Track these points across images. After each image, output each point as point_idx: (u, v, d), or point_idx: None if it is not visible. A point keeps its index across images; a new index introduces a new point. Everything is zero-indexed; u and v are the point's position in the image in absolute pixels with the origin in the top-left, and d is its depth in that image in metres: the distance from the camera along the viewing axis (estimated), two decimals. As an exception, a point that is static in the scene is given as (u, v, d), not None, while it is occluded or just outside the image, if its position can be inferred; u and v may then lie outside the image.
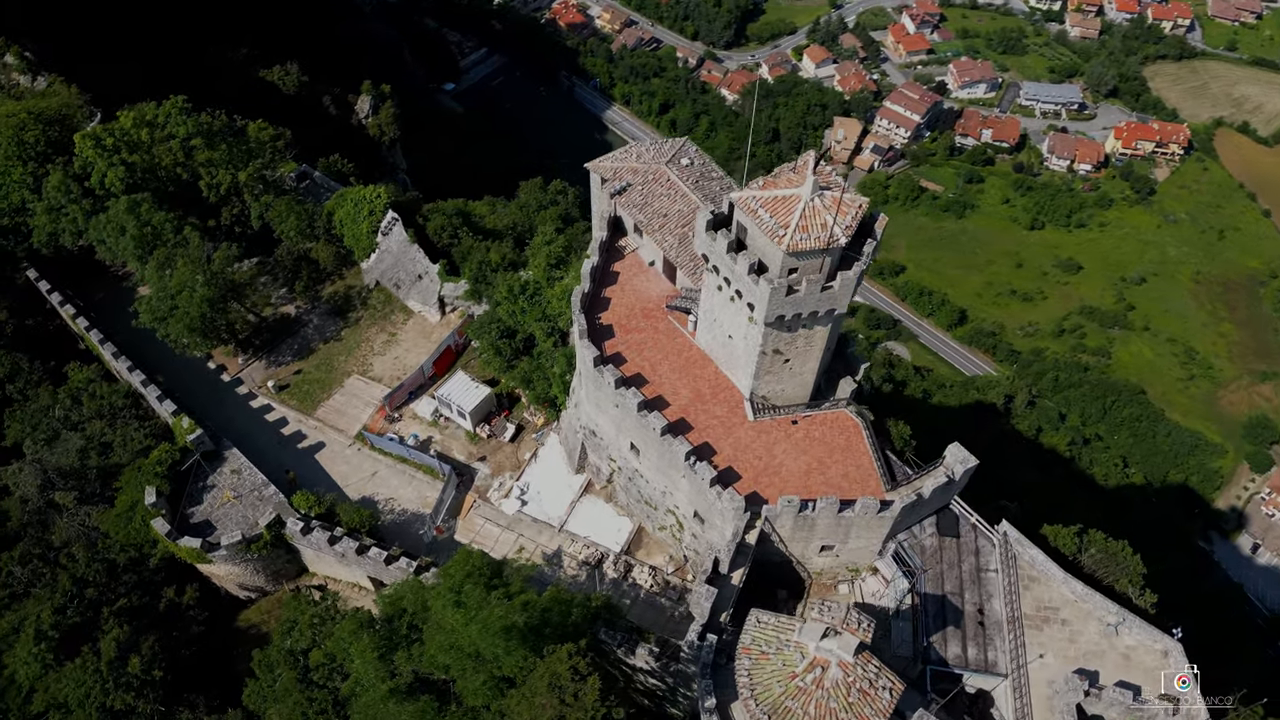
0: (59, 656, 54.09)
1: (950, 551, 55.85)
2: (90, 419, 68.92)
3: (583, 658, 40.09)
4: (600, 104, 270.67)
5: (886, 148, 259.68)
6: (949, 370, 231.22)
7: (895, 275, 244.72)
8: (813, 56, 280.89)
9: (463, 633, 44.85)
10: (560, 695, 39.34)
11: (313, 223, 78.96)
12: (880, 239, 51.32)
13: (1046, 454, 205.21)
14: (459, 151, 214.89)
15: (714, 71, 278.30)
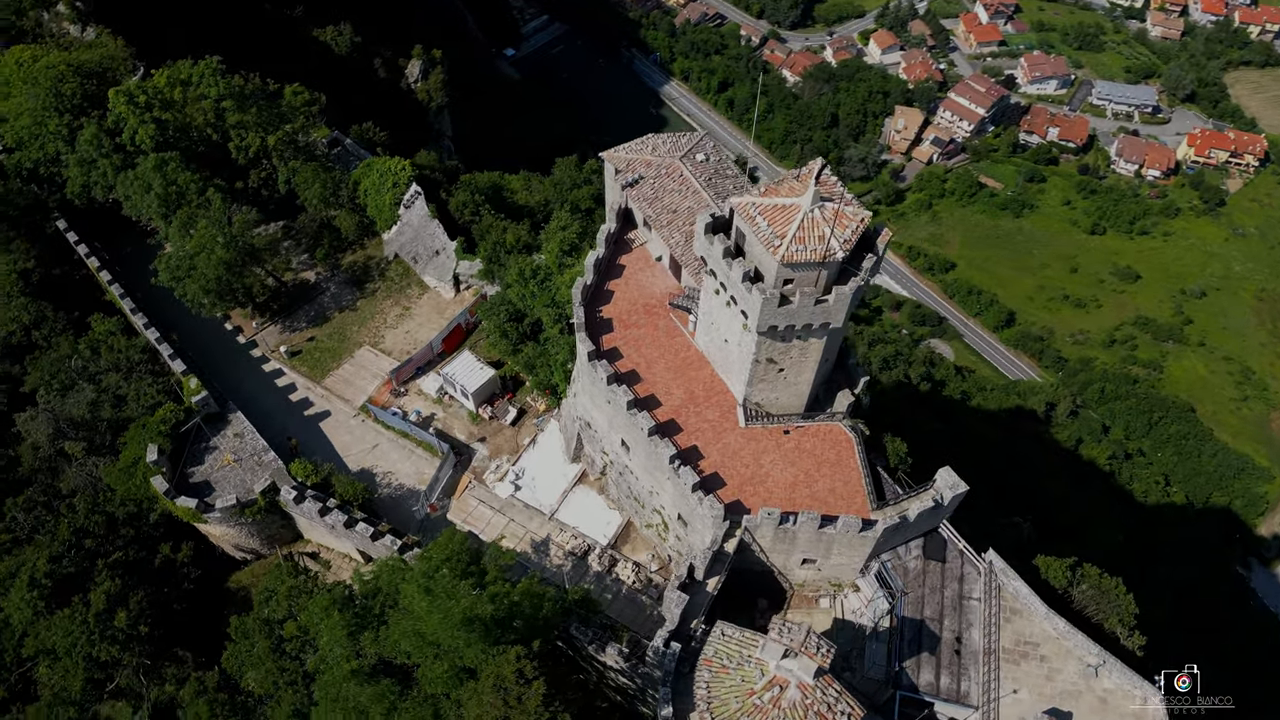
0: (50, 604, 55.71)
1: (934, 576, 54.81)
2: (107, 371, 70.45)
3: (531, 661, 40.07)
4: (658, 79, 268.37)
5: (947, 140, 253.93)
6: (991, 372, 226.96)
7: (945, 272, 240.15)
8: (879, 42, 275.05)
9: (426, 620, 45.17)
10: (504, 697, 39.45)
11: (337, 190, 79.39)
12: (883, 255, 50.09)
13: (1084, 466, 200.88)
14: (511, 120, 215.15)
15: (776, 52, 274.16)
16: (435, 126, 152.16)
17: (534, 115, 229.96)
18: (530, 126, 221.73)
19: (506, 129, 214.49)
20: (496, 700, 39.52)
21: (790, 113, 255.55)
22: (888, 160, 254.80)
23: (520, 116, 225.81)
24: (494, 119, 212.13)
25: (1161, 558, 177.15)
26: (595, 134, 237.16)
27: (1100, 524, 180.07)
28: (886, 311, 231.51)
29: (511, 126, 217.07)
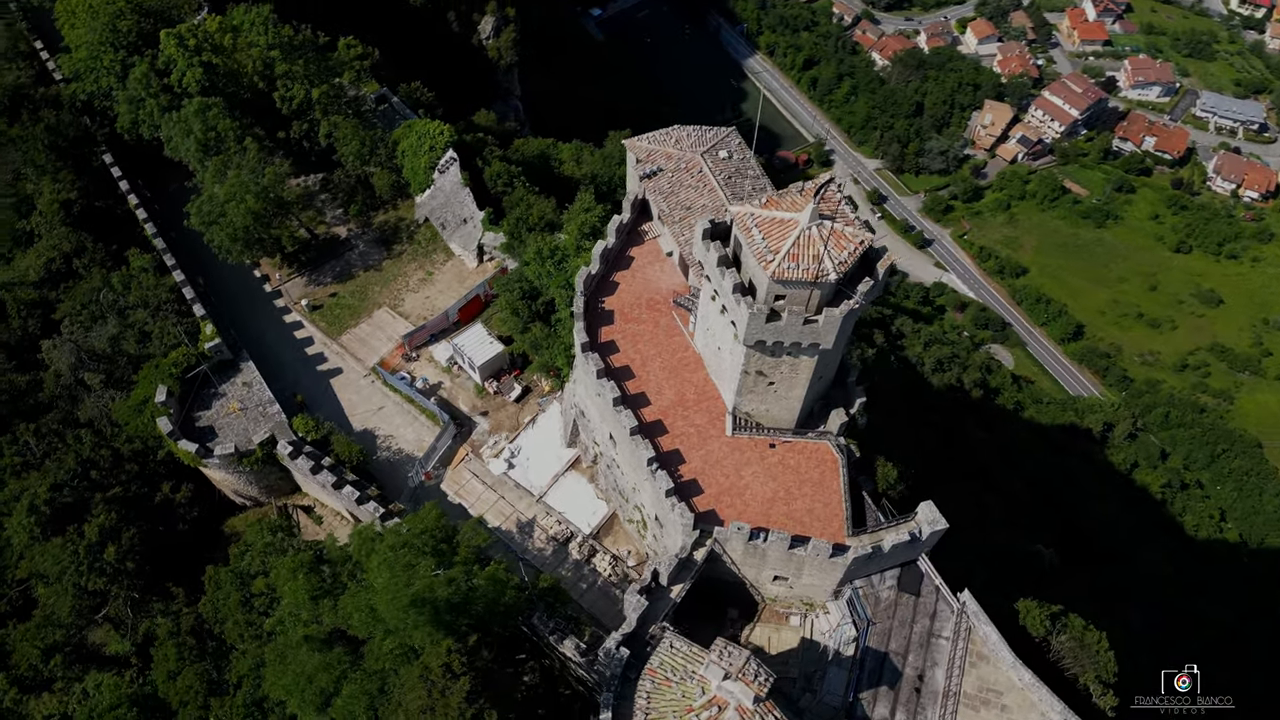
0: (46, 531, 57.97)
1: (905, 609, 53.62)
2: (135, 307, 72.45)
3: (461, 655, 40.33)
4: (743, 51, 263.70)
5: (1035, 140, 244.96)
6: (1051, 385, 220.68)
7: (1016, 276, 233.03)
8: (976, 31, 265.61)
9: (378, 596, 45.81)
10: (429, 689, 39.85)
11: (375, 148, 79.87)
12: (882, 281, 48.61)
13: (1135, 491, 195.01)
14: (590, 81, 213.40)
15: (868, 33, 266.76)
16: (504, 85, 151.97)
17: (614, 79, 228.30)
18: (609, 90, 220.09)
19: (585, 90, 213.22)
20: (422, 691, 39.94)
21: (874, 98, 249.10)
22: (970, 155, 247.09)
23: (601, 79, 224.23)
24: (573, 79, 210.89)
25: (1204, 592, 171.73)
26: (672, 103, 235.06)
27: (1140, 551, 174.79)
28: (950, 311, 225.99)
29: (590, 88, 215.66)
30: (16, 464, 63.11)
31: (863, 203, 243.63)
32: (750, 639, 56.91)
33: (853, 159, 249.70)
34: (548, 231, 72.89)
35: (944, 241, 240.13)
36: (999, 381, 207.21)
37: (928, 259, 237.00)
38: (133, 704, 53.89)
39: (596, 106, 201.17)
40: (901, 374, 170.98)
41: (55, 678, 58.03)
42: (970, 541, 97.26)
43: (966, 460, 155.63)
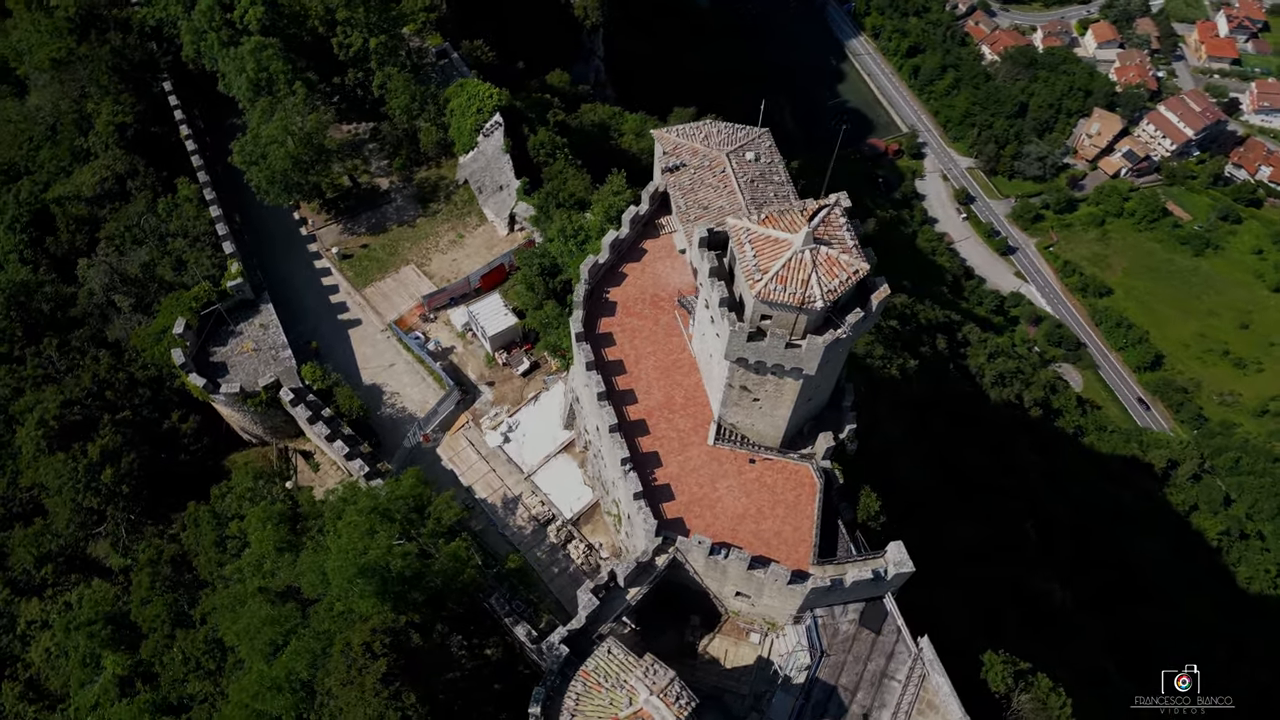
0: (53, 445, 60.46)
1: (863, 645, 52.58)
2: (175, 235, 74.49)
3: (384, 636, 40.91)
4: (847, 30, 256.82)
5: (1142, 156, 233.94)
6: (1118, 413, 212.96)
7: (1099, 296, 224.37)
8: (1097, 34, 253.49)
9: (329, 559, 46.74)
10: (349, 665, 40.61)
11: (425, 104, 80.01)
12: (875, 313, 47.10)
13: (1190, 534, 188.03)
14: (687, 47, 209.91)
15: (981, 24, 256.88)
16: (588, 45, 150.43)
17: (712, 47, 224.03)
18: (704, 57, 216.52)
19: (680, 56, 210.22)
20: (340, 666, 40.75)
21: (977, 93, 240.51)
22: (1069, 165, 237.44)
23: (698, 46, 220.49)
24: (668, 44, 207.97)
25: (1246, 651, 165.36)
26: (764, 79, 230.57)
27: (1183, 594, 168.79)
28: (1023, 324, 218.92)
29: (685, 55, 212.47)
30: (38, 376, 65.87)
31: (949, 201, 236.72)
32: (708, 649, 56.66)
33: (945, 154, 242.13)
34: (577, 210, 72.34)
35: (1028, 251, 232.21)
36: (1062, 403, 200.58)
37: (1008, 267, 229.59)
38: (108, 622, 56.39)
39: (688, 75, 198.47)
40: (954, 384, 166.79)
41: (47, 584, 60.97)
42: (982, 574, 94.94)
43: (1011, 480, 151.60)
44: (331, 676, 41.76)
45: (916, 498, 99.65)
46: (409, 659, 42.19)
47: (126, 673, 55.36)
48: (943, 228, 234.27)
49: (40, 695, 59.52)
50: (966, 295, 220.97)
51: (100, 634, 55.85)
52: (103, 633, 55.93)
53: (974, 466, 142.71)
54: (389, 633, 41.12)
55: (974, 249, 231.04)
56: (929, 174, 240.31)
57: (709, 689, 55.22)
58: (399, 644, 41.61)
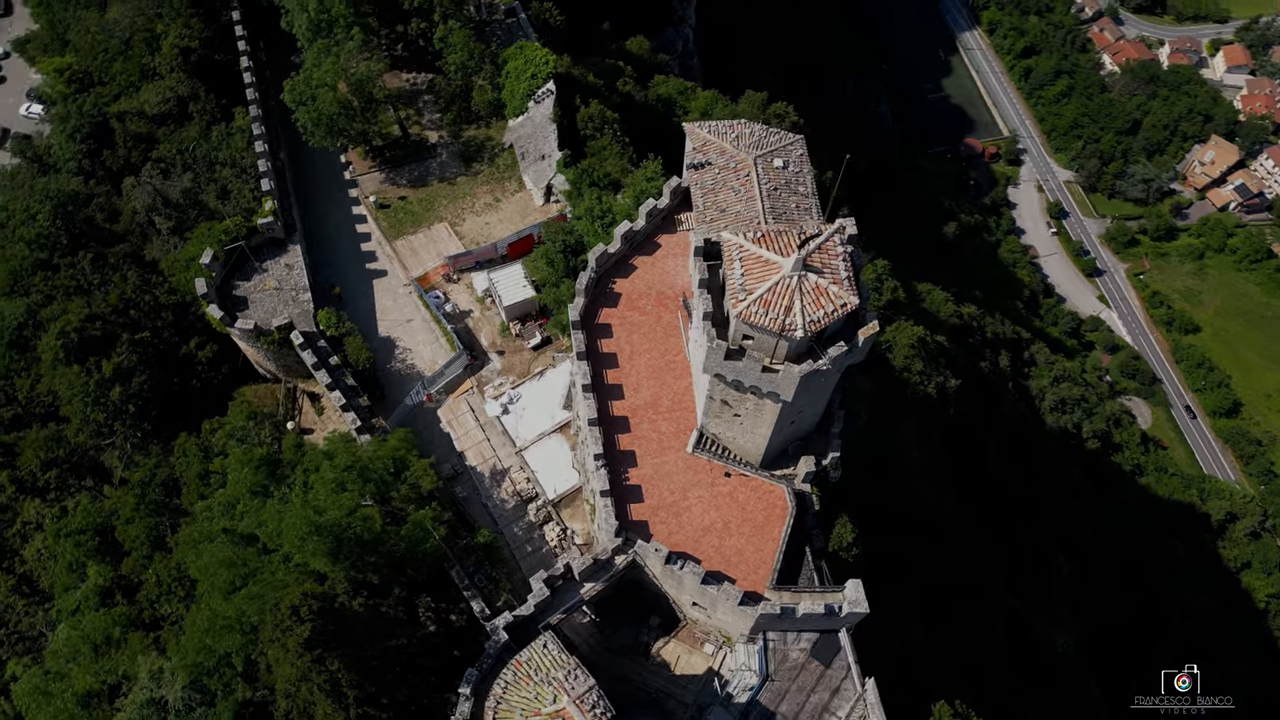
0: (70, 356, 62.83)
1: (810, 676, 51.90)
2: (224, 165, 76.14)
3: (314, 601, 41.72)
4: (961, 22, 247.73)
5: (1255, 192, 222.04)
6: (1184, 456, 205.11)
7: (1184, 333, 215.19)
8: (1229, 58, 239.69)
9: (288, 515, 47.80)
10: (275, 624, 41.61)
11: (481, 63, 79.72)
12: (860, 349, 45.62)
13: (1237, 593, 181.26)
14: (779, 20, 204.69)
15: (1106, 32, 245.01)
16: (679, 11, 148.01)
17: (812, 23, 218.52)
18: (802, 34, 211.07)
19: (777, 29, 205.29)
20: (268, 624, 41.82)
21: (1089, 104, 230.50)
22: (1175, 191, 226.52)
23: (797, 20, 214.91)
24: (766, 16, 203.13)
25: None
26: (863, 61, 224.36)
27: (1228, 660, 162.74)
28: (1098, 350, 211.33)
29: (782, 28, 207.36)
30: (69, 286, 68.35)
31: (1040, 213, 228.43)
32: (661, 652, 56.67)
33: (1044, 164, 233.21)
34: (610, 191, 71.60)
35: (1116, 275, 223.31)
36: (1125, 438, 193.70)
37: (1092, 290, 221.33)
38: (97, 533, 58.90)
39: (781, 51, 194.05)
40: (1008, 404, 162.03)
41: (50, 487, 63.83)
42: (988, 608, 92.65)
43: (1052, 510, 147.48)
44: (263, 633, 42.99)
45: (934, 520, 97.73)
46: (339, 624, 43.03)
47: (108, 584, 57.84)
48: (1029, 240, 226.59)
49: (32, 591, 62.79)
50: (1042, 313, 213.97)
51: (87, 544, 58.43)
52: (89, 543, 58.49)
53: (1013, 492, 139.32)
54: (319, 598, 41.95)
55: (1059, 266, 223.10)
56: (1024, 182, 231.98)
57: (654, 691, 55.48)
58: (329, 609, 42.40)
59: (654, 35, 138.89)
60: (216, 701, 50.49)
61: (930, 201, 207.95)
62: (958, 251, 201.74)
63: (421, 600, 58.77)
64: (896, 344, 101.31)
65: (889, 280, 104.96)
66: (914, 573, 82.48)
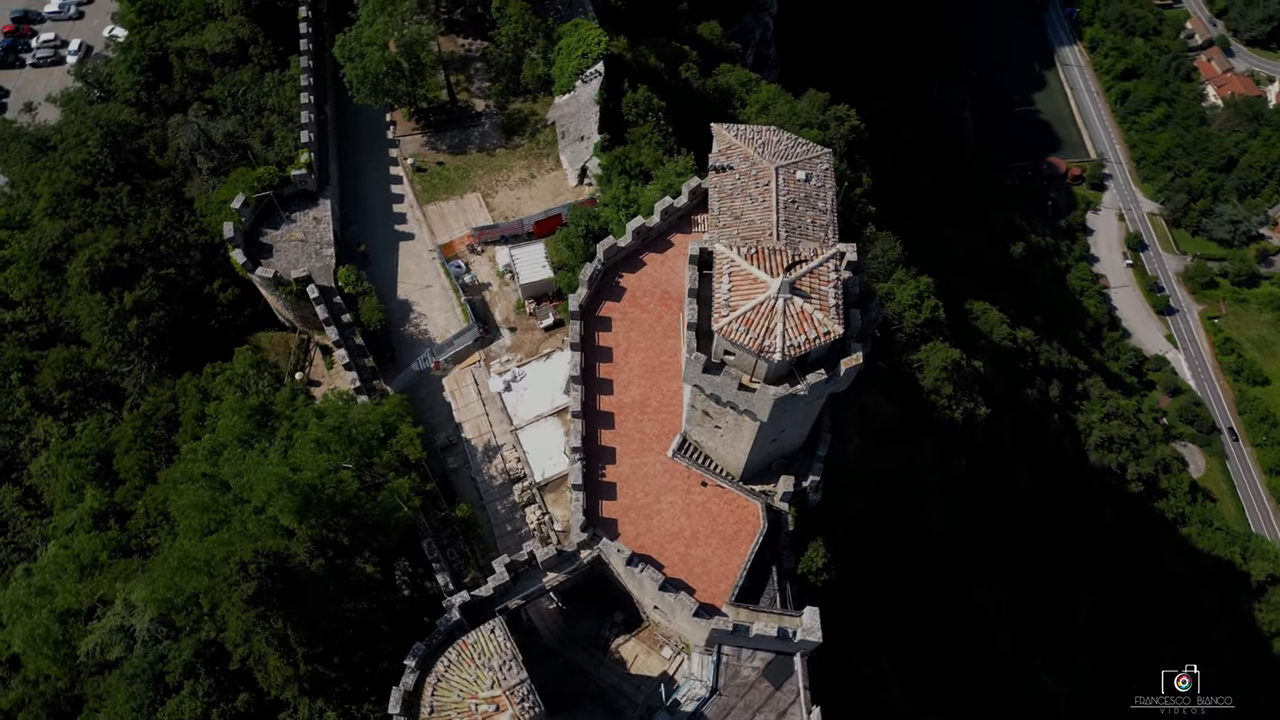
0: (95, 284, 64.74)
1: (758, 695, 51.61)
2: (272, 111, 77.42)
3: (265, 560, 42.56)
4: (1063, 36, 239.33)
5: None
6: (1233, 512, 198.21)
7: (1252, 384, 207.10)
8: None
9: (262, 469, 48.84)
10: (225, 578, 42.61)
11: (534, 36, 79.46)
12: (839, 378, 44.81)
13: (1270, 658, 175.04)
14: (868, 14, 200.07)
15: (1214, 62, 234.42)
16: (759, 2, 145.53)
17: (902, 19, 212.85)
18: (890, 30, 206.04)
19: (864, 23, 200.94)
20: (221, 578, 42.90)
21: (1185, 136, 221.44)
22: (1264, 236, 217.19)
23: (887, 15, 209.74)
24: (854, 9, 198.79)
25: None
26: (951, 64, 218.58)
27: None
28: (1158, 391, 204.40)
29: (870, 23, 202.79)
30: (106, 215, 70.27)
31: (1117, 243, 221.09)
32: (620, 649, 56.92)
33: (1128, 192, 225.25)
34: (640, 181, 71.05)
35: (1189, 316, 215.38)
36: (1172, 485, 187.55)
37: (1160, 328, 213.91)
38: (98, 458, 61.00)
39: (864, 47, 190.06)
40: (1050, 435, 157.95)
41: (64, 408, 66.16)
42: (982, 645, 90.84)
43: (1077, 549, 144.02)
44: (215, 583, 44.17)
45: (939, 548, 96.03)
46: (289, 584, 43.91)
47: (102, 508, 59.90)
48: (1102, 269, 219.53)
49: (36, 504, 65.43)
50: (1104, 346, 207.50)
51: (87, 467, 60.55)
52: (89, 466, 60.61)
53: (1038, 525, 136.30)
54: (270, 556, 42.83)
55: (1129, 299, 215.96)
56: (1104, 209, 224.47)
57: (606, 686, 55.81)
58: (280, 569, 43.28)
59: (732, 21, 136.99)
60: (181, 637, 52.09)
61: (1001, 217, 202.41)
62: (1023, 272, 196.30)
63: (400, 564, 60.14)
64: (929, 365, 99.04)
65: (930, 299, 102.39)
66: (903, 601, 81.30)
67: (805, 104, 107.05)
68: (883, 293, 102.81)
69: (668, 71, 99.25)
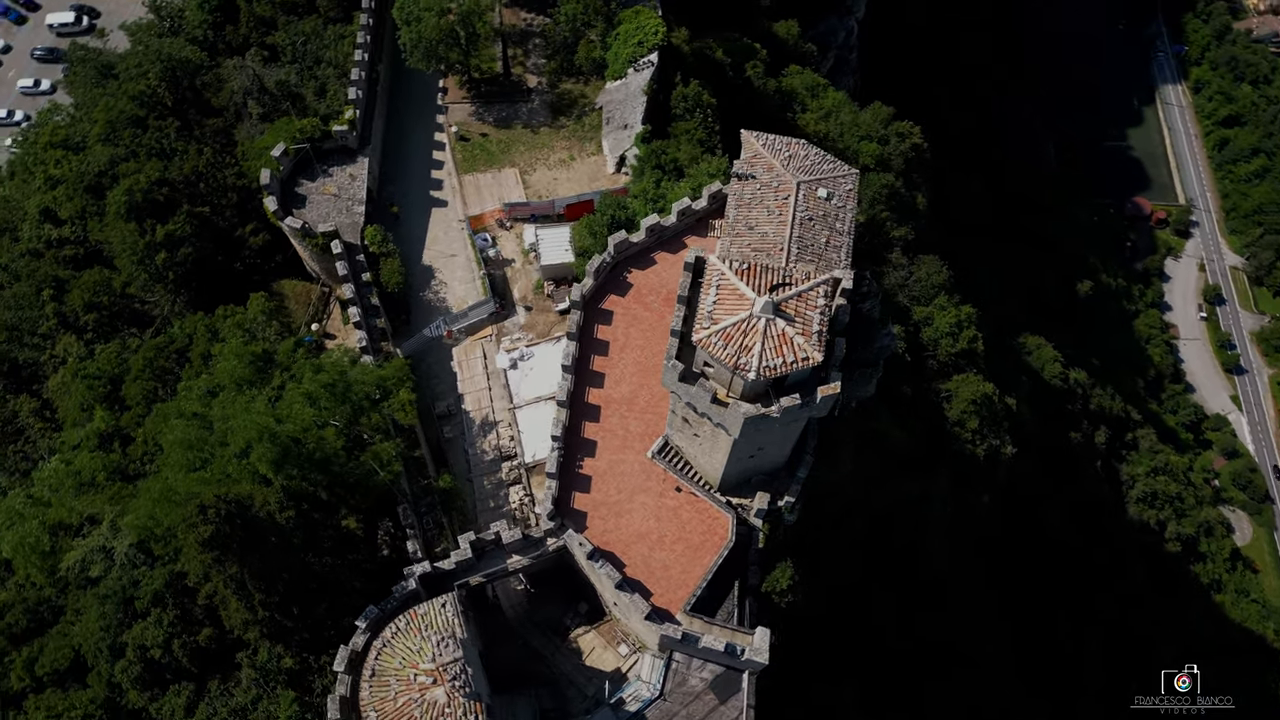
0: (130, 214, 66.64)
1: (701, 707, 51.57)
2: (329, 64, 78.63)
3: (226, 505, 43.58)
4: (1167, 74, 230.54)
5: None
6: (1275, 586, 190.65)
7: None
8: None
9: (245, 414, 50.03)
10: (184, 519, 43.76)
11: (593, 18, 79.23)
12: (816, 405, 44.20)
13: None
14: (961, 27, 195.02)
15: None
16: (847, 2, 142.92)
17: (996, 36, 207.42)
18: (981, 47, 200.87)
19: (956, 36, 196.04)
20: (181, 519, 44.13)
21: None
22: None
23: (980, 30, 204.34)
24: (948, 21, 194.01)
25: None
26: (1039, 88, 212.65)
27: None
28: (1213, 452, 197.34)
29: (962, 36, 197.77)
30: (152, 147, 72.15)
31: (1194, 294, 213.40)
32: (579, 639, 57.31)
33: (1213, 243, 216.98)
34: (673, 176, 70.68)
35: (1258, 379, 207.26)
36: (1212, 550, 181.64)
37: (1226, 386, 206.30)
38: (110, 382, 63.14)
39: (951, 61, 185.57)
40: (1085, 483, 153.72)
41: (88, 328, 68.49)
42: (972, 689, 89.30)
43: (1098, 598, 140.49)
44: (176, 523, 45.54)
45: (944, 584, 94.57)
46: (250, 532, 44.98)
47: (108, 430, 61.93)
48: (1174, 318, 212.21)
49: (50, 417, 68.05)
50: (1163, 398, 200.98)
51: (98, 389, 62.66)
52: (100, 389, 62.72)
53: (1059, 571, 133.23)
54: (231, 503, 43.92)
55: (1197, 353, 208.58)
56: (1186, 257, 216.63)
57: (559, 674, 56.27)
58: (240, 516, 44.34)
59: (816, 21, 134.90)
60: (156, 566, 53.82)
61: (1072, 252, 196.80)
62: (1086, 312, 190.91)
63: (384, 525, 61.24)
64: (957, 396, 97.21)
65: (969, 330, 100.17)
66: (892, 630, 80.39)
67: (868, 116, 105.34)
68: (921, 317, 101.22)
69: (733, 67, 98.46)
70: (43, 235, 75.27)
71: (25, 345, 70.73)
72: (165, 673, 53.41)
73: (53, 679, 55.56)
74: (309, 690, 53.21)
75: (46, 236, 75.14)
